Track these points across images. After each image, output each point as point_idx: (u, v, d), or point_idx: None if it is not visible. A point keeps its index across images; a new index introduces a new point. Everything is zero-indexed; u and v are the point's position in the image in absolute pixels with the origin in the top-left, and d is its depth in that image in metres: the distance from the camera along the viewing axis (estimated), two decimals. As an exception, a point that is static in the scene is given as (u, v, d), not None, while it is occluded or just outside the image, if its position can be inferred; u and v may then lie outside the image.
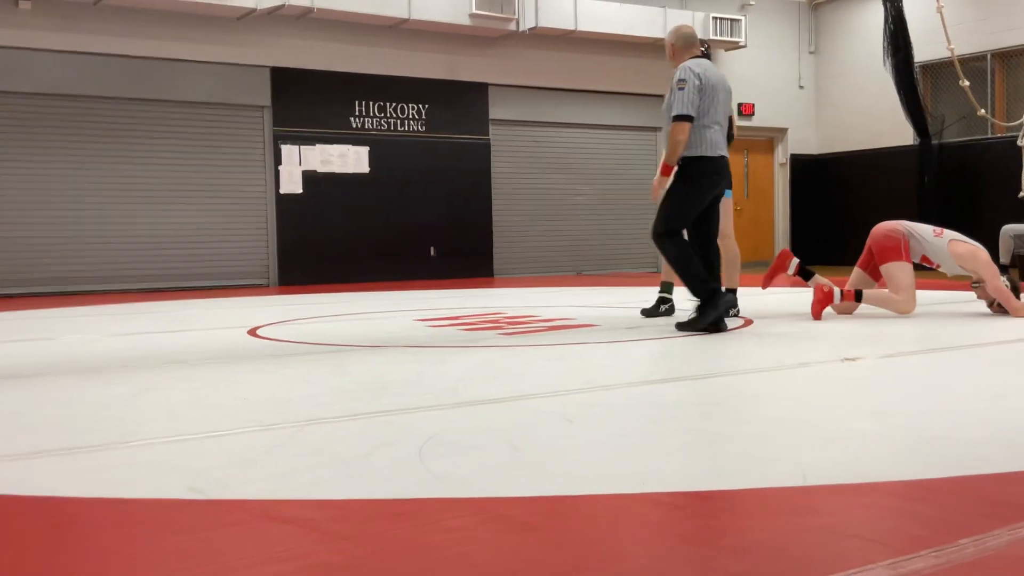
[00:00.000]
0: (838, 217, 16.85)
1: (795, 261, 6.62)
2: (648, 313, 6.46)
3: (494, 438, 2.75)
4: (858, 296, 6.39)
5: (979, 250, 6.43)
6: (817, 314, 6.22)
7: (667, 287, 6.63)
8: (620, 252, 15.60)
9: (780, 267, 6.60)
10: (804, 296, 8.57)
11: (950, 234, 6.59)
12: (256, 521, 2.02)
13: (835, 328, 5.71)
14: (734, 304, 6.36)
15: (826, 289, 6.29)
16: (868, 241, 6.70)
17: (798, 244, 17.23)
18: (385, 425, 2.98)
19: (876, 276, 6.68)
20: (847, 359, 4.28)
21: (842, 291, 6.34)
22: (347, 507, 2.11)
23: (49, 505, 2.19)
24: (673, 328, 5.69)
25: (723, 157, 5.64)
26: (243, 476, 2.38)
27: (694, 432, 2.84)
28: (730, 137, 6.13)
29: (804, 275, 6.59)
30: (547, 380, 3.86)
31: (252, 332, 6.09)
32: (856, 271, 6.74)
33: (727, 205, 6.36)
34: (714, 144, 5.54)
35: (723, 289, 5.76)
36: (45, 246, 11.57)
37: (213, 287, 12.44)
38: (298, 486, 2.27)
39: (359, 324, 6.33)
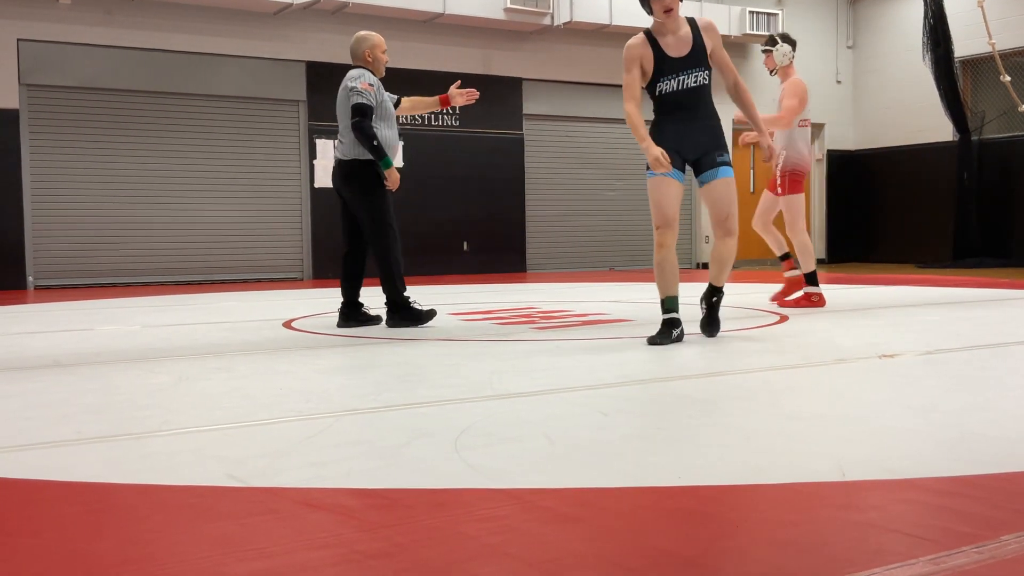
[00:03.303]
0: (875, 214, 16.69)
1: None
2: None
3: (529, 430, 2.75)
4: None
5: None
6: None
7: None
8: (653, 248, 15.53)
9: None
10: (840, 292, 8.50)
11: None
12: (295, 509, 2.03)
13: (871, 325, 5.65)
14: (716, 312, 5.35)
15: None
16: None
17: (833, 240, 17.08)
18: (421, 416, 3.00)
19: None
20: (884, 356, 4.24)
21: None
22: (384, 496, 2.13)
23: (92, 490, 2.22)
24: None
25: (335, 162, 5.86)
26: (281, 465, 2.40)
27: (730, 427, 2.82)
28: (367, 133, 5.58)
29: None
30: (581, 373, 3.86)
31: (287, 324, 6.14)
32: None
33: (726, 187, 4.86)
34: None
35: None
36: (82, 238, 11.73)
37: (248, 280, 12.55)
38: (335, 475, 2.29)
39: (393, 317, 6.35)
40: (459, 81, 6.40)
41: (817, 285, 6.76)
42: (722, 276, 5.03)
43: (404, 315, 5.68)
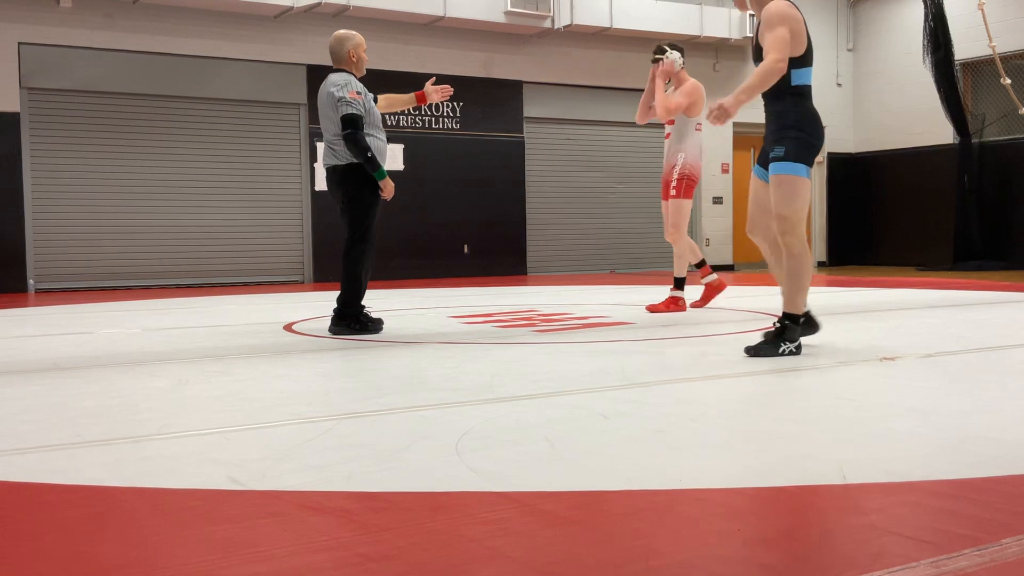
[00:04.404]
0: (875, 216, 16.68)
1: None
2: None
3: (530, 433, 2.75)
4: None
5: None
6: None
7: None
8: (654, 250, 15.55)
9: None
10: (840, 295, 8.50)
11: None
12: (295, 512, 2.03)
13: (872, 328, 5.65)
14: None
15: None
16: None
17: (834, 243, 17.08)
18: (421, 419, 2.99)
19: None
20: (886, 358, 4.23)
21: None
22: (385, 499, 2.12)
23: (92, 494, 2.22)
24: (711, 327, 5.66)
25: (328, 168, 5.74)
26: (281, 468, 2.40)
27: (732, 429, 2.82)
28: (352, 141, 5.51)
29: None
30: (582, 376, 3.86)
31: (288, 327, 6.14)
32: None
33: (773, 186, 4.52)
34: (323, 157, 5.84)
35: None
36: (83, 242, 11.73)
37: (248, 283, 12.55)
38: (336, 478, 2.29)
39: (394, 320, 6.35)
40: (434, 78, 6.40)
41: (683, 290, 6.95)
42: (787, 296, 4.40)
43: (351, 324, 5.60)
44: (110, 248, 11.88)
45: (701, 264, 7.16)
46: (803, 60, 4.33)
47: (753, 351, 4.35)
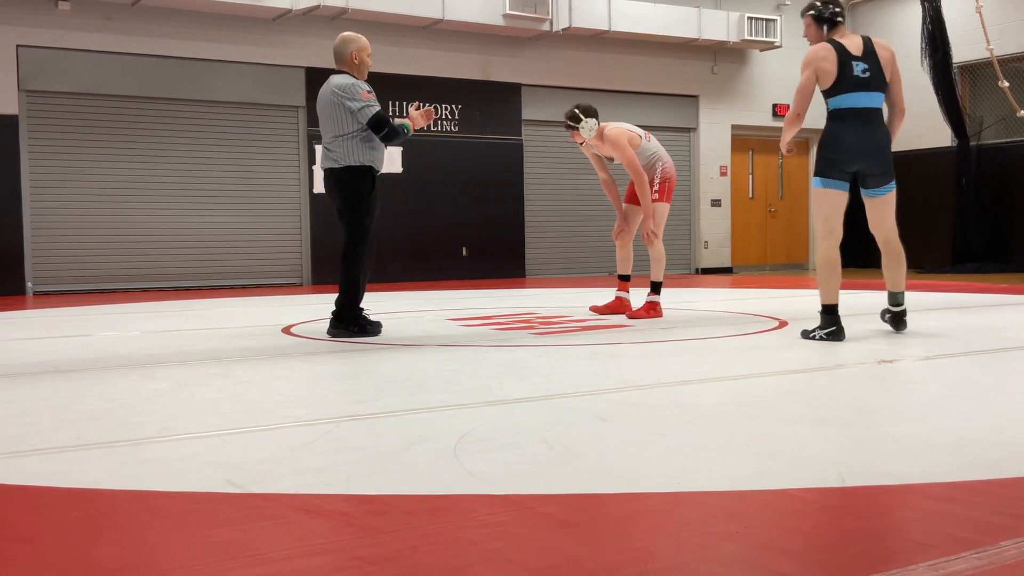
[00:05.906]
0: (874, 219, 16.68)
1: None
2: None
3: (528, 436, 2.75)
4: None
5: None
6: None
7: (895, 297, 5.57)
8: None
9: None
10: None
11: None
12: (293, 515, 2.03)
13: (870, 329, 5.65)
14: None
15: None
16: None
17: (833, 246, 17.06)
18: (420, 422, 2.99)
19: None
20: (884, 361, 4.24)
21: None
22: (383, 502, 2.12)
23: (91, 497, 2.22)
24: (709, 329, 5.66)
25: (326, 171, 5.71)
26: (280, 471, 2.40)
27: (730, 432, 2.82)
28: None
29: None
30: (580, 379, 3.86)
31: (286, 330, 6.14)
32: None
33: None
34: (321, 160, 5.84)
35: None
36: (81, 244, 11.72)
37: (247, 285, 12.55)
38: (334, 481, 2.29)
39: (392, 323, 6.35)
40: (416, 103, 6.46)
41: (659, 294, 6.74)
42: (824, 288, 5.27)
43: (349, 326, 5.59)
44: (108, 250, 11.87)
45: (626, 278, 7.00)
46: (833, 89, 5.19)
47: (802, 333, 5.22)
